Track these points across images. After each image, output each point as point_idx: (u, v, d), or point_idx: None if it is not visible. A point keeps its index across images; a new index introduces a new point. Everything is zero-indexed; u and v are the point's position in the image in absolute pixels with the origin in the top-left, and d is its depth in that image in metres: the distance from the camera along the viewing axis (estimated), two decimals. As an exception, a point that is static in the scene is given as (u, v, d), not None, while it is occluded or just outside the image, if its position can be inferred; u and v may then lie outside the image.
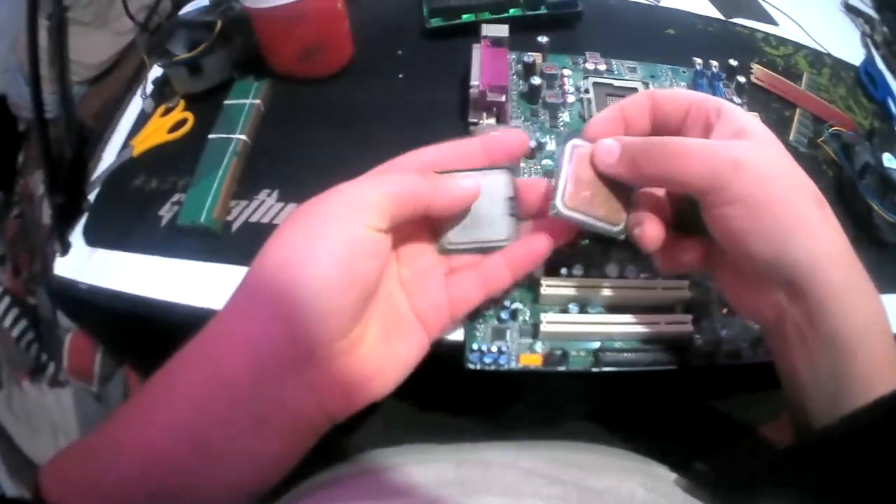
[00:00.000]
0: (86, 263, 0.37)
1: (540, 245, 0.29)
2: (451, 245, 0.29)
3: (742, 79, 0.43)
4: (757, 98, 0.43)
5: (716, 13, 0.47)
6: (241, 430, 0.22)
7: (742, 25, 0.48)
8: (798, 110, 0.45)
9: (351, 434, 0.38)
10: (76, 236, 0.38)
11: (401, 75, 0.40)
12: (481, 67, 0.38)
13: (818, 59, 0.49)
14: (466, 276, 0.28)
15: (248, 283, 0.23)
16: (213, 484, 0.23)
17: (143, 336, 0.40)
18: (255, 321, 0.23)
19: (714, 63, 0.43)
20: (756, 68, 0.45)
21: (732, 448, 0.39)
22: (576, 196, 0.27)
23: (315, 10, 0.39)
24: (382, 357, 0.25)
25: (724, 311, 0.36)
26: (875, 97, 0.50)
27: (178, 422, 0.22)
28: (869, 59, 0.52)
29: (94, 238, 0.37)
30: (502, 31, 0.39)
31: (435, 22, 0.41)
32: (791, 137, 0.44)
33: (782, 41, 0.49)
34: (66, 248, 0.37)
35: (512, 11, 0.40)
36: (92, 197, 0.40)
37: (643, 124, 0.29)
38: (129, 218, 0.38)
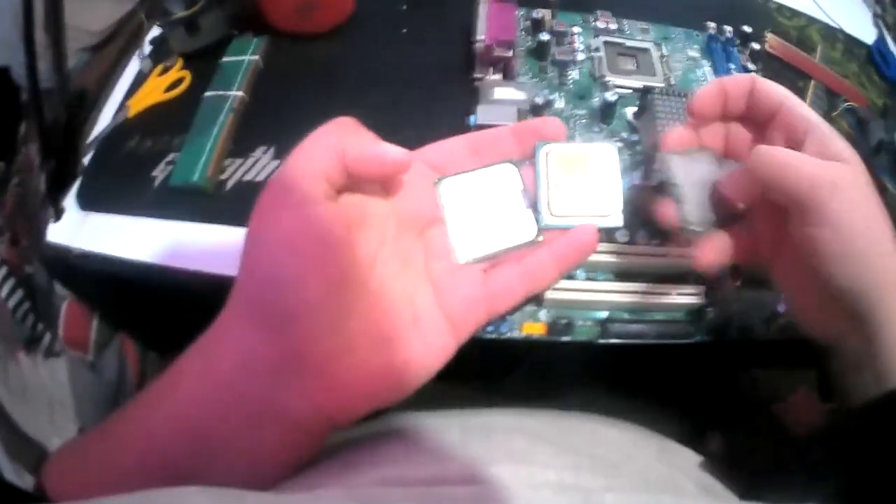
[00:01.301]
0: (79, 229, 0.35)
1: (588, 237, 0.26)
2: (469, 256, 0.26)
3: (756, 46, 0.41)
4: (771, 67, 0.42)
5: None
6: (237, 430, 0.21)
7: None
8: (812, 82, 0.43)
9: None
10: (70, 202, 0.36)
11: (404, 30, 0.38)
12: (487, 21, 0.35)
13: (831, 33, 0.48)
14: (508, 269, 0.26)
15: (236, 283, 0.22)
16: (212, 482, 0.21)
17: (138, 301, 0.39)
18: (239, 329, 0.21)
19: (728, 28, 0.41)
20: (770, 37, 0.43)
21: (748, 429, 0.37)
22: (561, 202, 0.26)
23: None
24: (397, 355, 0.23)
25: (738, 283, 0.34)
26: (888, 76, 0.48)
27: (178, 417, 0.22)
28: (881, 39, 0.50)
29: (88, 202, 0.36)
30: (510, -16, 0.37)
31: (438, -25, 0.39)
32: (805, 109, 0.42)
33: (796, 13, 0.47)
34: (59, 213, 0.36)
35: (519, -34, 0.38)
36: (87, 161, 0.38)
37: (740, 107, 0.27)
38: (122, 180, 0.36)
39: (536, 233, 0.26)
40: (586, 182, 0.26)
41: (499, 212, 0.26)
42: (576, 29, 0.38)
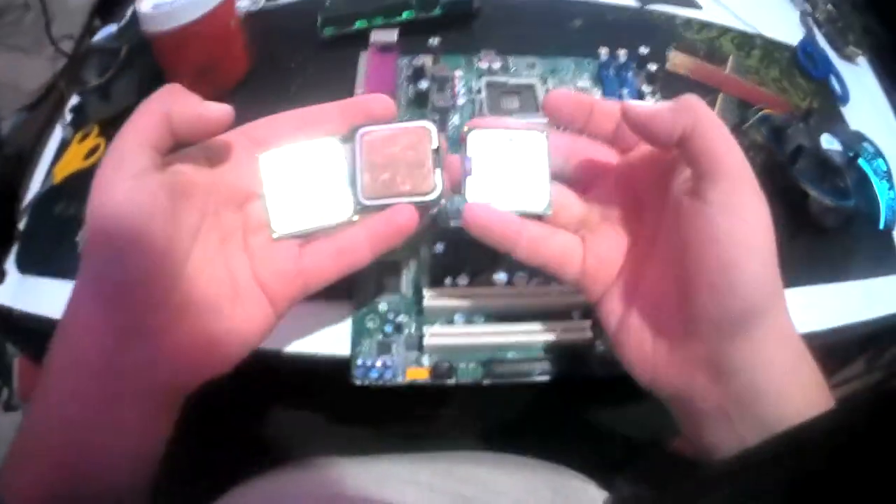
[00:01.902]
0: (19, 290, 0.38)
1: (404, 218, 0.26)
2: (283, 231, 0.27)
3: (654, 67, 0.41)
4: (672, 86, 0.41)
5: (630, 1, 0.45)
6: (99, 407, 0.23)
7: (660, 12, 0.45)
8: (721, 95, 0.43)
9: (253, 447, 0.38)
10: (10, 264, 0.39)
11: (293, 88, 0.39)
12: (367, 75, 0.37)
13: (747, 40, 0.47)
14: (322, 246, 0.27)
15: (82, 256, 0.24)
16: (91, 472, 0.23)
17: None
18: (84, 301, 0.23)
19: (622, 52, 0.41)
20: (673, 54, 0.43)
21: (653, 464, 0.37)
22: (374, 183, 0.26)
23: (206, 31, 0.39)
24: (220, 326, 0.24)
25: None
26: (814, 76, 0.47)
27: (50, 406, 0.23)
28: (808, 38, 0.49)
29: (25, 265, 0.39)
30: (391, 35, 0.38)
31: (328, 31, 0.40)
32: (712, 125, 0.41)
33: (706, 25, 0.46)
34: (1, 276, 0.39)
35: (405, 14, 0.39)
36: (22, 225, 0.41)
37: (608, 128, 0.28)
38: (51, 244, 0.39)
39: (353, 212, 0.27)
40: (403, 161, 0.27)
41: (318, 188, 0.27)
42: (458, 72, 0.39)
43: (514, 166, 0.28)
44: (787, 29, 0.49)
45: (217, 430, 0.36)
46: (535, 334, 0.32)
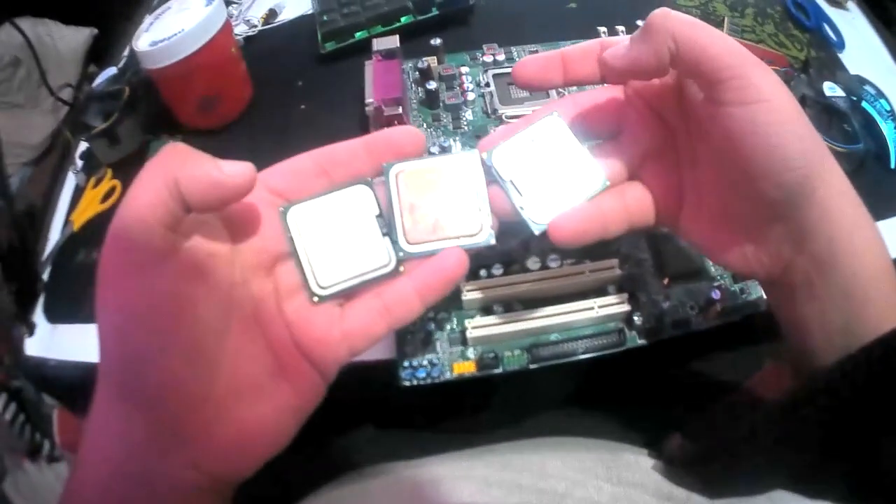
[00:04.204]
0: (50, 340, 0.38)
1: (454, 263, 0.24)
2: (322, 293, 0.24)
3: (652, 39, 0.41)
4: (671, 55, 0.41)
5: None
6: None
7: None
8: (720, 58, 0.43)
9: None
10: (39, 316, 0.39)
11: (302, 106, 0.40)
12: (374, 83, 0.37)
13: (739, 0, 0.47)
14: (366, 304, 0.24)
15: (100, 358, 0.21)
16: None
17: None
18: (109, 408, 0.21)
19: (621, 28, 0.42)
20: (668, 24, 0.43)
21: (704, 417, 0.37)
22: (417, 227, 0.24)
23: (207, 61, 0.39)
24: (266, 408, 0.22)
25: (665, 281, 0.35)
26: (807, 26, 0.47)
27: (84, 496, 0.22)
28: (798, -11, 0.49)
29: (53, 315, 0.39)
30: (393, 42, 0.39)
31: (329, 46, 0.41)
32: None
33: (696, -11, 0.47)
34: (31, 329, 0.39)
35: (403, 20, 0.40)
36: (46, 276, 0.41)
37: (588, 70, 0.25)
38: (78, 291, 0.39)
39: (395, 263, 0.24)
40: (446, 200, 0.24)
41: (353, 240, 0.24)
42: (464, 69, 0.39)
43: (551, 161, 0.25)
44: (774, -16, 0.49)
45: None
46: (574, 314, 0.33)
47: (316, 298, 0.24)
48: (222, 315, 0.22)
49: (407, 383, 0.32)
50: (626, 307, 0.33)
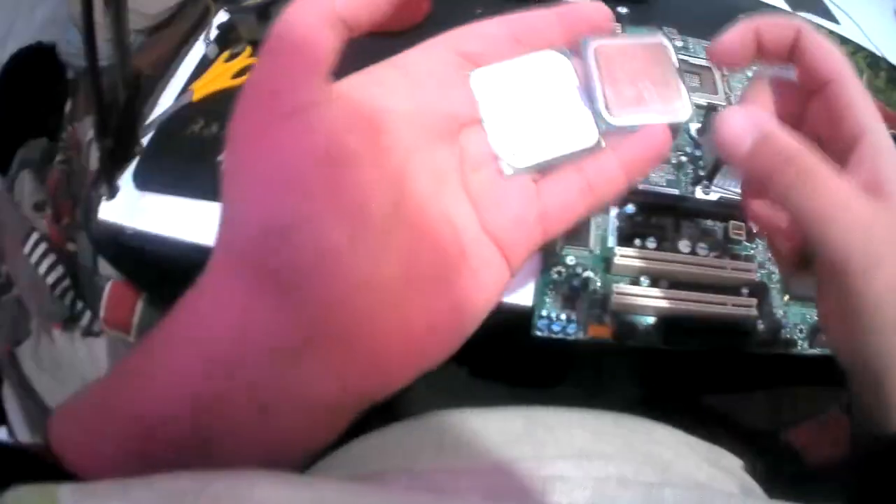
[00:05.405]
0: (133, 208, 0.36)
1: (660, 139, 0.21)
2: (518, 166, 0.21)
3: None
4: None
5: (783, 4, 0.47)
6: (241, 417, 0.17)
7: (806, 19, 0.47)
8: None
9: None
10: (125, 181, 0.37)
11: (478, 10, 0.39)
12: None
13: (875, 62, 0.49)
14: (565, 180, 0.21)
15: (219, 235, 0.18)
16: (221, 463, 0.17)
17: (191, 284, 0.40)
18: (230, 296, 0.17)
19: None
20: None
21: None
22: (620, 99, 0.22)
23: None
24: (441, 303, 0.18)
25: (787, 297, 0.36)
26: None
27: (172, 399, 0.17)
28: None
29: (145, 182, 0.37)
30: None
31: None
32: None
33: (844, 40, 0.49)
34: (113, 192, 0.37)
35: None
36: (145, 141, 0.39)
37: (780, 58, 0.23)
38: (185, 163, 0.37)
39: (598, 137, 0.22)
40: (644, 77, 0.23)
41: (549, 110, 0.22)
42: (643, 45, 0.39)
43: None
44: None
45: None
46: (708, 305, 0.34)
47: (510, 170, 0.21)
48: (396, 183, 0.18)
49: (539, 333, 0.32)
50: (754, 312, 0.34)
